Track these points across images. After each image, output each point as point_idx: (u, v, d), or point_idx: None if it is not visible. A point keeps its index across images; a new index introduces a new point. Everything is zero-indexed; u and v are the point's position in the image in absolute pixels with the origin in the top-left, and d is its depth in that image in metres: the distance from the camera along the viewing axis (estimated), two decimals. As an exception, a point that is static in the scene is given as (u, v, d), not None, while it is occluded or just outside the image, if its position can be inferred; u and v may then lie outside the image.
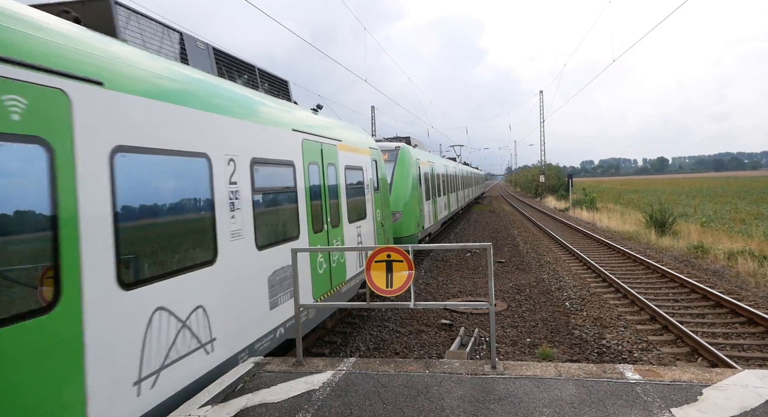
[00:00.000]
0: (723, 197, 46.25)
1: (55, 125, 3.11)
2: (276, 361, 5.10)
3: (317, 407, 3.98)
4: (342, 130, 9.26)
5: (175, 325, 4.10)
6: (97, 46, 3.71)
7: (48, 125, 3.06)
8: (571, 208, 36.76)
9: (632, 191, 66.05)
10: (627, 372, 4.45)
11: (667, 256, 16.35)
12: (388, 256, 4.90)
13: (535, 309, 10.45)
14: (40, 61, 3.07)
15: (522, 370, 4.60)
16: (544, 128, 55.59)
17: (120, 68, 3.79)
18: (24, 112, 2.91)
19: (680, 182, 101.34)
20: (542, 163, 58.58)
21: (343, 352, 8.19)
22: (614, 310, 10.12)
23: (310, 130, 7.42)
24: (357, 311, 10.15)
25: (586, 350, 8.03)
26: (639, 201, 42.86)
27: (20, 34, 3.03)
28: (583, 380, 4.31)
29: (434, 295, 11.96)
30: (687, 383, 4.16)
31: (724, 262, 14.76)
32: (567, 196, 40.06)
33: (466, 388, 4.25)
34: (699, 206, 36.11)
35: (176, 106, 4.32)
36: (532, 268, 14.93)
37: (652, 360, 7.55)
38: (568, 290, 11.97)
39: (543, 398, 3.99)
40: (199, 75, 5.11)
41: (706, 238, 19.00)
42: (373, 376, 4.60)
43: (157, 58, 4.53)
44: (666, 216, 22.24)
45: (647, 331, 8.85)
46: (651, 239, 20.24)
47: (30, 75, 2.99)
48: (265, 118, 6.03)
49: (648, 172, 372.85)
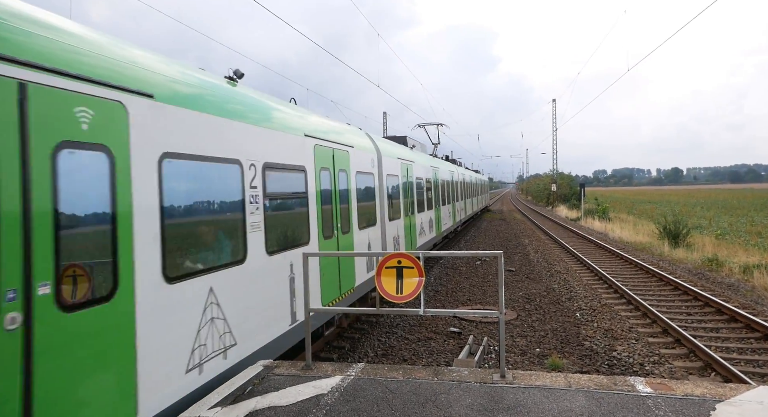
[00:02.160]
0: (739, 209, 45.56)
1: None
2: (285, 365, 5.12)
3: (325, 411, 3.98)
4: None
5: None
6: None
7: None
8: (583, 217, 36.45)
9: (645, 202, 65.34)
10: (638, 385, 4.39)
11: (681, 269, 16.13)
12: (399, 262, 4.91)
13: (545, 319, 10.36)
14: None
15: (531, 380, 4.56)
16: (556, 137, 55.35)
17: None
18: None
19: (695, 193, 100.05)
20: (554, 171, 58.25)
21: (351, 358, 8.19)
22: (626, 322, 10.00)
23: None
24: (366, 317, 10.15)
25: (596, 362, 7.94)
26: (652, 212, 42.36)
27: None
28: (594, 392, 4.27)
29: (443, 302, 11.92)
30: (700, 398, 4.10)
31: (740, 275, 14.52)
32: (579, 206, 39.75)
33: (475, 396, 4.23)
34: (714, 218, 35.60)
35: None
36: (542, 277, 14.81)
37: (664, 373, 7.45)
38: (578, 301, 11.86)
39: (552, 409, 3.95)
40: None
41: (721, 250, 18.72)
42: (381, 382, 4.60)
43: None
44: (680, 227, 21.96)
45: (659, 344, 8.73)
46: (664, 251, 19.98)
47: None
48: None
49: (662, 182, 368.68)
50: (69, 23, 3.54)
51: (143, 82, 3.86)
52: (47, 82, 3.07)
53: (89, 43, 3.54)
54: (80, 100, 3.23)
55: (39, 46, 3.11)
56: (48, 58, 3.12)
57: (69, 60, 3.25)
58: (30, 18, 3.19)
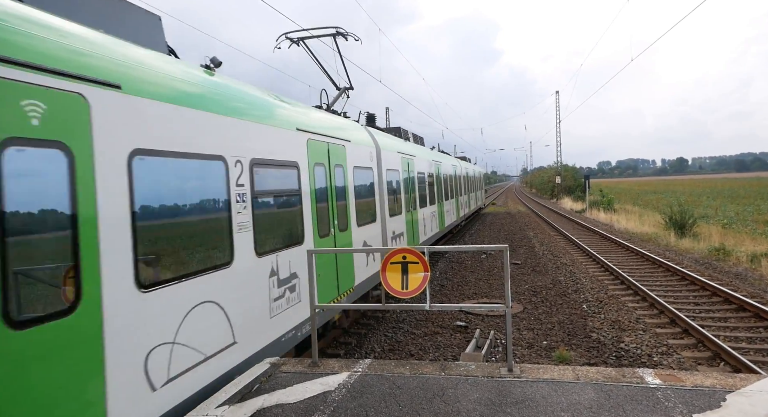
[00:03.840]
0: (745, 198, 45.23)
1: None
2: (292, 362, 5.12)
3: (333, 408, 3.98)
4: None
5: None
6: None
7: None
8: (587, 209, 36.30)
9: (651, 192, 64.99)
10: (647, 376, 4.36)
11: (687, 259, 16.04)
12: (404, 258, 4.89)
13: (551, 311, 10.33)
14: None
15: (539, 374, 4.54)
16: (560, 129, 55.07)
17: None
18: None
19: (700, 183, 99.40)
20: (558, 163, 57.99)
21: (358, 353, 8.20)
22: (633, 313, 9.96)
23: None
24: (372, 312, 10.15)
25: (604, 353, 7.91)
26: (658, 202, 42.13)
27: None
28: (602, 384, 4.24)
29: (449, 296, 11.90)
30: (710, 389, 4.07)
31: (747, 264, 14.42)
32: (584, 198, 39.58)
33: (483, 391, 4.22)
34: (720, 207, 35.36)
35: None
36: (548, 270, 14.77)
37: (673, 364, 7.41)
38: (585, 292, 11.82)
39: (561, 402, 3.93)
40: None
41: (728, 240, 18.59)
42: (388, 377, 4.59)
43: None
44: (686, 217, 21.82)
45: (667, 335, 8.68)
46: (670, 241, 19.88)
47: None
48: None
49: (667, 173, 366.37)
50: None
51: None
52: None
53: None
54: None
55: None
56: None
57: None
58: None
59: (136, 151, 3.68)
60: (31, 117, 2.88)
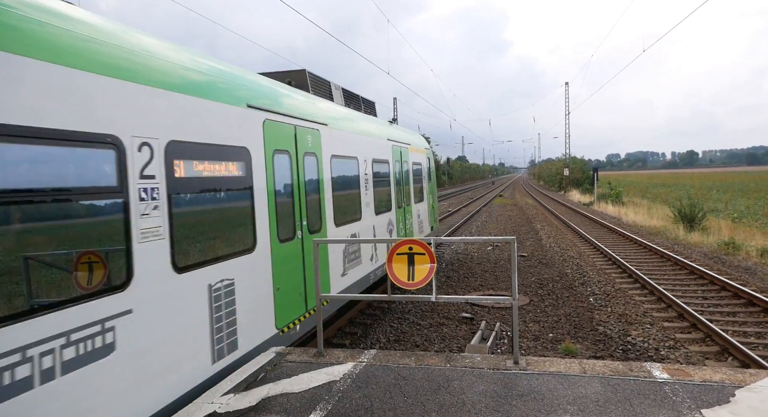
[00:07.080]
0: (756, 192, 44.67)
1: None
2: (297, 352, 5.13)
3: (338, 398, 3.98)
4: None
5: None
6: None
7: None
8: (596, 202, 36.06)
9: (660, 185, 64.41)
10: (655, 371, 4.32)
11: (696, 253, 15.89)
12: (410, 249, 4.86)
13: (558, 304, 10.28)
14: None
15: (545, 367, 4.52)
16: (569, 120, 54.56)
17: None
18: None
19: (710, 176, 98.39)
20: (567, 155, 57.55)
21: (363, 344, 8.21)
22: (640, 307, 9.89)
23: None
24: (377, 303, 10.16)
25: (610, 347, 7.87)
26: (667, 195, 41.74)
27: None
28: (609, 378, 4.21)
29: (455, 288, 11.89)
30: (718, 384, 4.02)
31: (757, 259, 14.27)
32: (592, 190, 39.29)
33: (488, 383, 4.20)
34: (730, 201, 34.98)
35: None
36: (555, 262, 14.70)
37: (680, 358, 7.36)
38: (592, 285, 11.75)
39: (567, 395, 3.91)
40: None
41: (738, 234, 18.39)
42: (393, 368, 4.58)
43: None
44: (695, 211, 21.60)
45: (675, 329, 8.62)
46: (679, 235, 19.70)
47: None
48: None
49: (677, 165, 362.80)
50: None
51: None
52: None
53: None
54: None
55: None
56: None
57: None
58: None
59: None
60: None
